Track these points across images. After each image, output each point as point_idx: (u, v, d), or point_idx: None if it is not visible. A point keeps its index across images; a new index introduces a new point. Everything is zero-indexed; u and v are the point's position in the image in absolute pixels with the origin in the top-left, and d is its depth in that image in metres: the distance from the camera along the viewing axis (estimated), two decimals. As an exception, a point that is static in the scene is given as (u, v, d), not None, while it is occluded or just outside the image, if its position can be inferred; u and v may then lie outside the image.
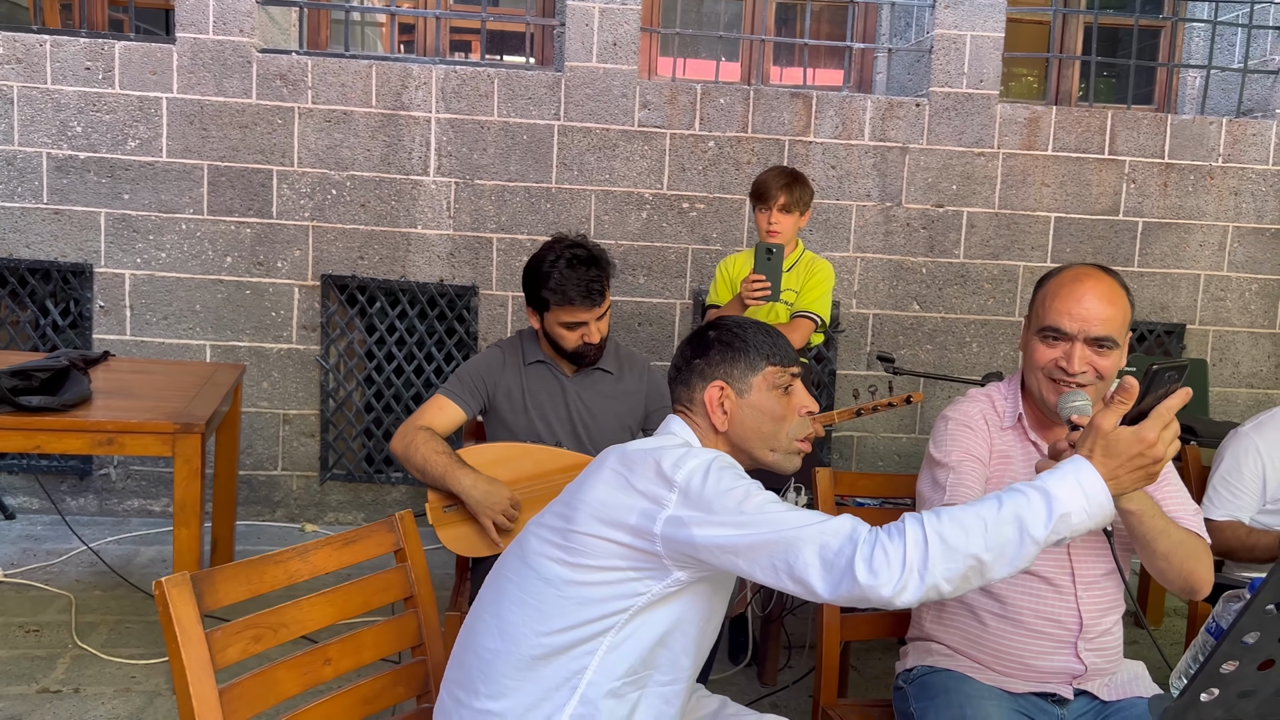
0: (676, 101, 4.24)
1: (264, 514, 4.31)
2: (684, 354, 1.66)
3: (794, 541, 1.37)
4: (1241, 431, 2.61)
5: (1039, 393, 1.85)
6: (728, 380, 1.61)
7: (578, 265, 2.48)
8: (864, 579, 1.32)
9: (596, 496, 1.47)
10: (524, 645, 1.46)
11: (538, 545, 1.51)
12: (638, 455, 1.50)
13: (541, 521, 1.54)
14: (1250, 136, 4.48)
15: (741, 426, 1.61)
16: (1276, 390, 4.61)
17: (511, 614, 1.49)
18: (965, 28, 4.31)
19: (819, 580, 1.36)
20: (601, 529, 1.45)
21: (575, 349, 2.55)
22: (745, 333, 1.63)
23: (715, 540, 1.40)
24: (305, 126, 4.13)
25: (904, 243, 4.40)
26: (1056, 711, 1.85)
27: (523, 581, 1.50)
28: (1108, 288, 1.80)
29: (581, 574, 1.45)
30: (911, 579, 1.32)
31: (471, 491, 2.37)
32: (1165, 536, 1.74)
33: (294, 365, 4.24)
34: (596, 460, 1.56)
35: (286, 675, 1.48)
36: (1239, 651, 1.33)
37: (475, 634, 1.53)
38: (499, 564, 1.59)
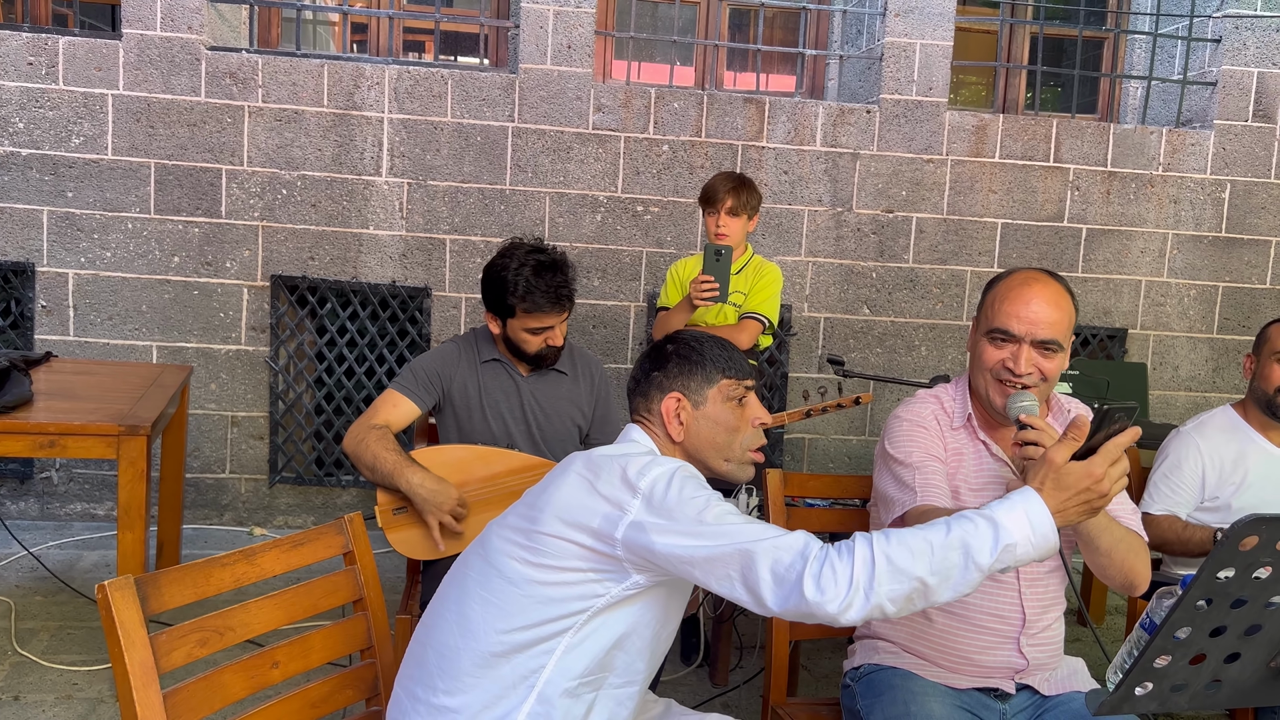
0: (631, 105, 4.25)
1: (211, 517, 4.25)
2: (643, 366, 1.71)
3: (749, 554, 1.40)
4: (1183, 431, 2.68)
5: (986, 394, 1.89)
6: (684, 392, 1.65)
7: (544, 271, 2.47)
8: (811, 595, 1.35)
9: (561, 498, 1.50)
10: (484, 642, 1.48)
11: (501, 545, 1.53)
12: (603, 461, 1.53)
13: (505, 522, 1.56)
14: (1189, 146, 4.60)
15: (697, 437, 1.66)
16: (1214, 393, 4.74)
17: (473, 611, 1.51)
18: (915, 36, 4.38)
19: (769, 593, 1.39)
20: (565, 530, 1.48)
21: (538, 352, 2.54)
22: (701, 346, 1.68)
23: (673, 549, 1.43)
24: (255, 125, 4.08)
25: (854, 247, 4.45)
26: (998, 706, 1.89)
27: (485, 580, 1.52)
28: (1054, 292, 1.85)
29: (543, 574, 1.48)
30: (857, 598, 1.36)
31: (419, 489, 2.36)
32: (1107, 533, 1.80)
33: (243, 367, 4.18)
34: (562, 464, 1.59)
35: (233, 679, 1.47)
36: (1172, 646, 1.37)
37: (435, 630, 1.55)
38: (461, 562, 1.60)
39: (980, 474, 1.91)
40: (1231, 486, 2.58)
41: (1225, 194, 4.65)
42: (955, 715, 1.81)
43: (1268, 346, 2.60)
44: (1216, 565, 1.29)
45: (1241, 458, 2.60)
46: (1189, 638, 1.36)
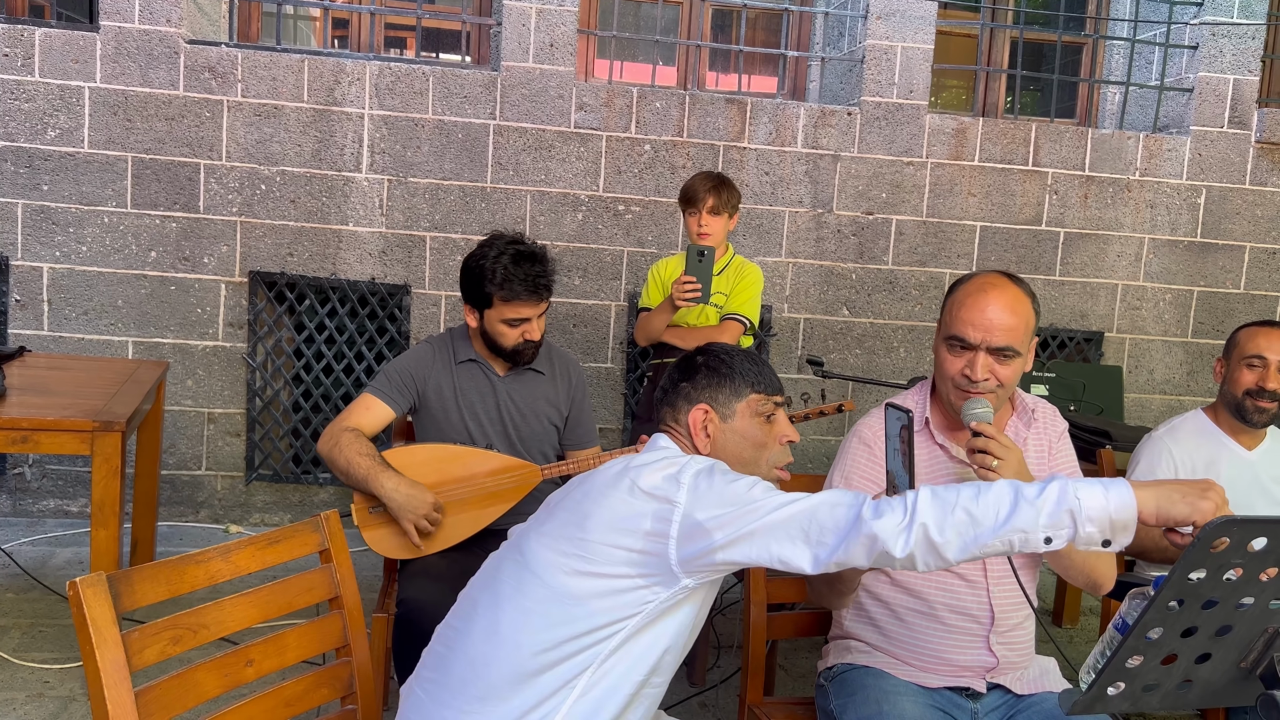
0: (613, 104, 4.25)
1: (187, 515, 4.22)
2: (672, 377, 1.71)
3: (809, 512, 1.41)
4: (1155, 436, 2.71)
5: (949, 399, 1.90)
6: (712, 404, 1.65)
7: (523, 261, 2.47)
8: (870, 521, 1.38)
9: (609, 504, 1.48)
10: (522, 654, 1.46)
11: (546, 555, 1.50)
12: (643, 463, 1.52)
13: (546, 530, 1.53)
14: (1166, 151, 4.64)
15: (724, 451, 1.66)
16: (1188, 396, 4.79)
17: (508, 621, 1.48)
18: (896, 39, 4.40)
19: (833, 538, 1.39)
20: (615, 536, 1.46)
21: (514, 346, 2.53)
22: (732, 360, 1.68)
23: (730, 531, 1.42)
24: (234, 120, 4.05)
25: (835, 249, 4.47)
26: (970, 706, 1.90)
27: (525, 589, 1.49)
28: (1011, 298, 1.84)
29: (594, 583, 1.46)
30: (908, 521, 1.38)
31: (394, 495, 2.35)
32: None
33: (220, 363, 4.15)
34: (600, 472, 1.57)
35: (207, 677, 1.46)
36: (1144, 646, 1.39)
37: (465, 638, 1.52)
38: (493, 570, 1.57)
39: (933, 480, 1.92)
40: (1204, 490, 2.60)
41: (1201, 199, 4.69)
42: (927, 714, 1.82)
43: (1237, 350, 2.63)
44: (1188, 567, 1.30)
45: (1213, 461, 2.62)
46: (1161, 638, 1.37)
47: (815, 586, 1.86)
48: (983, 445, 1.76)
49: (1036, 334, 1.93)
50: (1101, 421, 3.54)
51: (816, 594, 1.90)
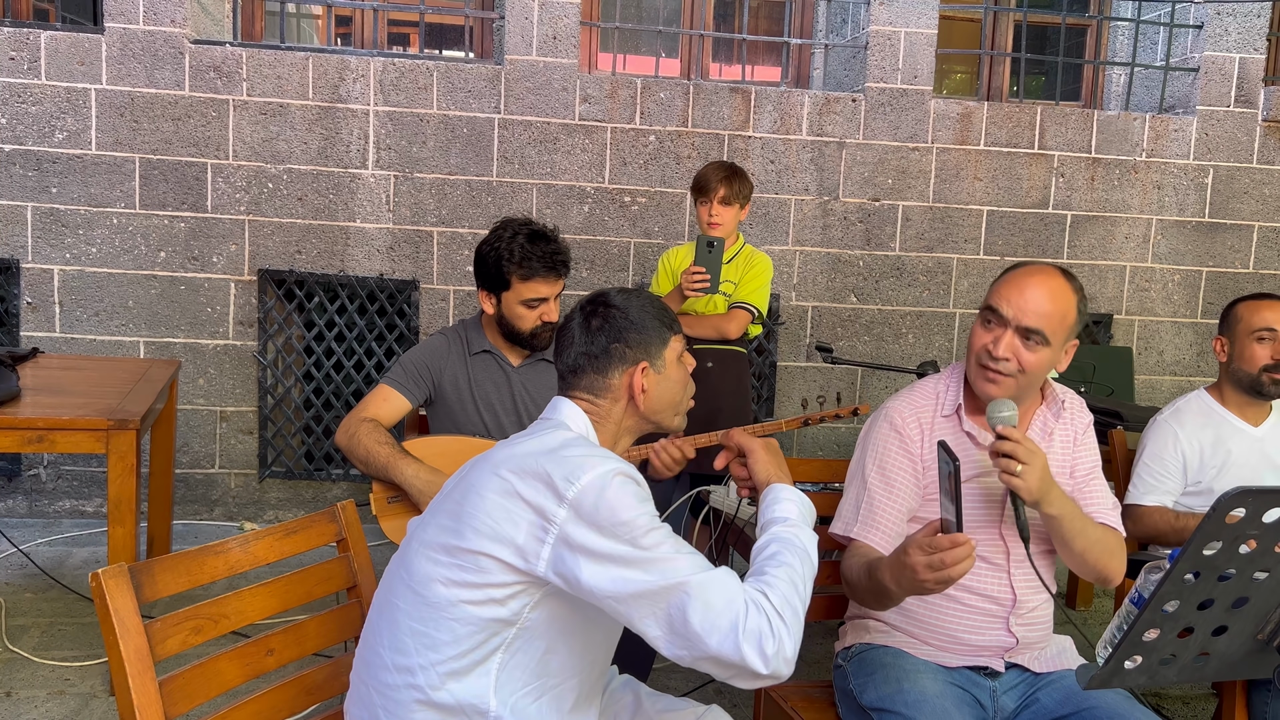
0: (617, 95, 4.25)
1: (201, 513, 4.24)
2: (594, 340, 1.58)
3: (683, 591, 1.31)
4: (1160, 419, 2.70)
5: (974, 380, 1.89)
6: (649, 360, 1.59)
7: (539, 240, 2.49)
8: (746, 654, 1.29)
9: (484, 508, 1.38)
10: (424, 680, 1.39)
11: (424, 566, 1.41)
12: (526, 461, 1.41)
13: (426, 538, 1.44)
14: (1172, 132, 4.63)
15: (659, 400, 1.61)
16: (1198, 377, 4.78)
17: (407, 645, 1.41)
18: (900, 24, 4.39)
19: (699, 639, 1.30)
20: (488, 545, 1.37)
21: (533, 329, 2.54)
22: (646, 309, 1.61)
23: (599, 581, 1.32)
24: (240, 119, 4.06)
25: (841, 236, 4.47)
26: (989, 684, 1.91)
27: (413, 609, 1.41)
28: (1056, 285, 1.83)
29: (469, 592, 1.37)
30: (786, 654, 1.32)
31: (414, 481, 2.37)
32: (1082, 536, 1.85)
33: (231, 362, 4.17)
34: (481, 462, 1.46)
35: (228, 666, 1.47)
36: (1160, 620, 1.39)
37: (374, 667, 1.45)
38: (385, 586, 1.49)
39: (966, 467, 1.91)
40: (1213, 470, 2.60)
41: (1208, 179, 4.68)
42: (947, 692, 1.83)
43: (1242, 325, 2.61)
44: (1203, 539, 1.31)
45: (1220, 441, 2.62)
46: (1177, 611, 1.38)
47: (858, 594, 1.85)
48: (1009, 450, 1.75)
49: (1077, 337, 1.91)
50: (1112, 403, 3.53)
51: (860, 599, 1.88)
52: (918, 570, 1.60)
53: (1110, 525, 1.94)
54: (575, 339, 1.59)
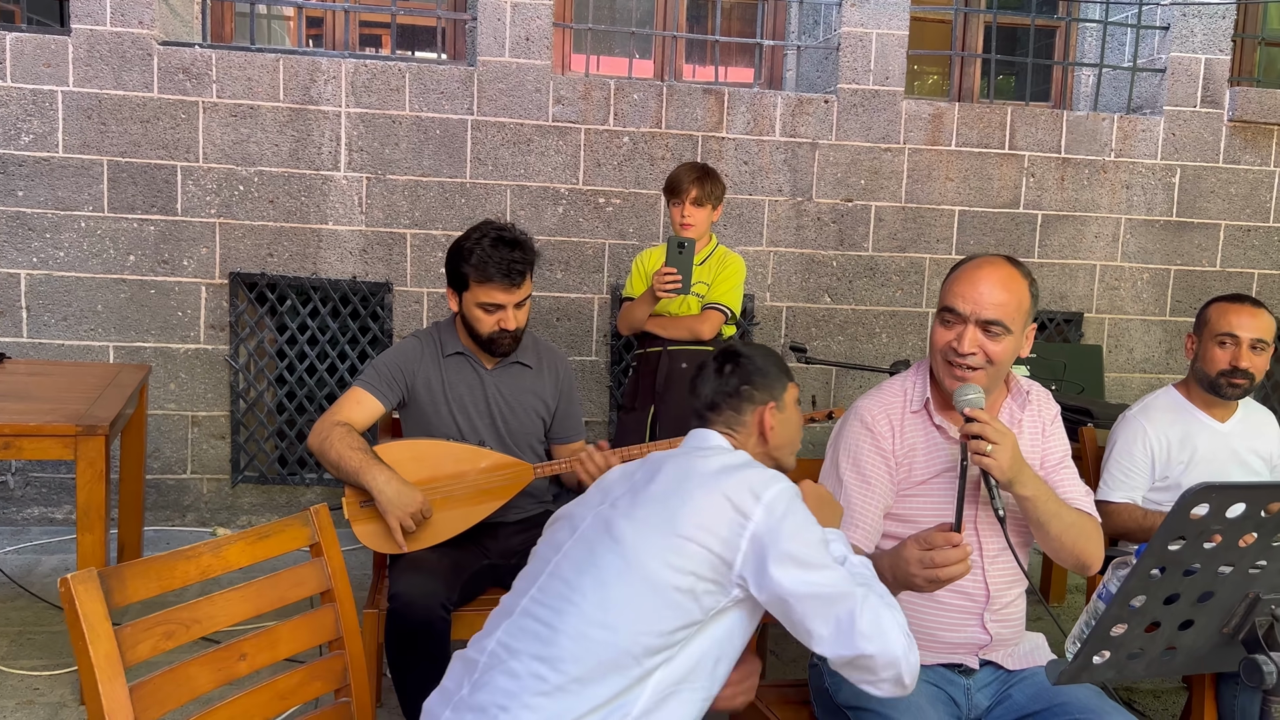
0: (590, 97, 4.25)
1: (174, 518, 4.20)
2: (728, 382, 1.82)
3: (852, 597, 1.50)
4: (1129, 416, 2.73)
5: (939, 375, 1.92)
6: (775, 401, 1.83)
7: (501, 246, 2.48)
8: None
9: (692, 502, 1.55)
10: (626, 642, 1.50)
11: (640, 543, 1.54)
12: (724, 469, 1.61)
13: (639, 518, 1.57)
14: (1140, 132, 4.69)
15: (782, 437, 1.85)
16: (1167, 374, 4.84)
17: (617, 608, 1.51)
18: (871, 26, 4.42)
19: (863, 641, 1.48)
20: (699, 534, 1.52)
21: (490, 334, 2.52)
22: (769, 359, 1.88)
23: (784, 581, 1.49)
24: (210, 121, 4.03)
25: (815, 236, 4.49)
26: (963, 682, 1.92)
27: (626, 579, 1.53)
28: (1006, 275, 1.86)
29: (681, 578, 1.50)
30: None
31: (384, 489, 2.36)
32: (1058, 519, 1.86)
33: (202, 366, 4.14)
34: (684, 465, 1.64)
35: (200, 671, 1.46)
36: (1127, 615, 1.41)
37: (568, 616, 1.53)
38: (586, 553, 1.59)
39: (932, 463, 1.94)
40: (1180, 465, 2.63)
41: (1175, 179, 4.74)
42: (922, 689, 1.84)
43: (1209, 328, 2.65)
44: (1168, 534, 1.33)
45: (1187, 437, 2.65)
46: (1144, 606, 1.40)
47: None
48: (978, 431, 1.77)
49: (1035, 320, 1.94)
50: (1083, 400, 3.57)
51: None
52: (910, 564, 1.64)
53: (1085, 511, 1.96)
54: (711, 380, 1.85)
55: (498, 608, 1.67)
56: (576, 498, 1.79)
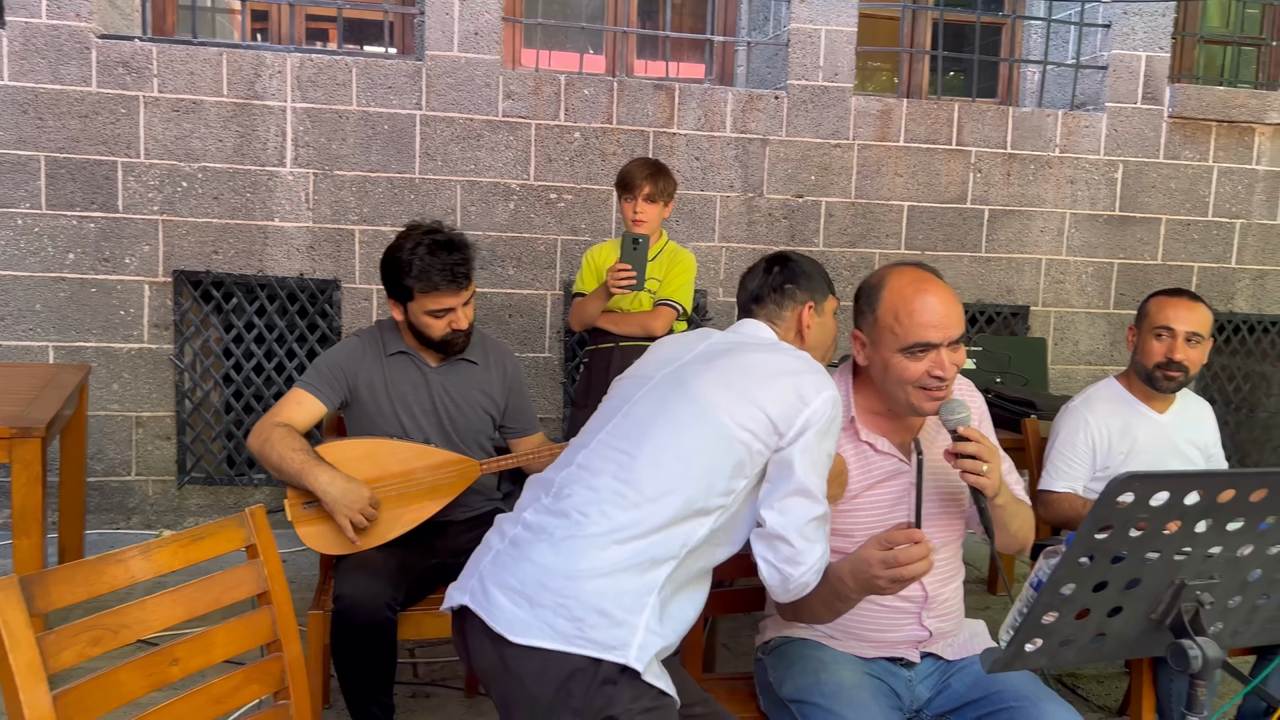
0: (541, 92, 4.23)
1: (118, 521, 4.12)
2: (775, 279, 1.96)
3: (820, 516, 1.68)
4: (1071, 407, 2.77)
5: (911, 405, 1.86)
6: (814, 303, 1.97)
7: (439, 250, 2.44)
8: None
9: (762, 377, 1.70)
10: (698, 486, 1.62)
11: (716, 397, 1.68)
12: (789, 357, 1.78)
13: (711, 379, 1.71)
14: (1084, 128, 4.76)
15: (816, 338, 1.99)
16: (1111, 366, 4.92)
17: (694, 454, 1.64)
18: (820, 22, 4.44)
19: (794, 554, 1.67)
20: (765, 401, 1.67)
21: (444, 337, 2.50)
22: (815, 267, 2.02)
23: (799, 468, 1.65)
24: (152, 116, 3.96)
25: (766, 232, 4.51)
26: (905, 674, 1.94)
27: (700, 425, 1.66)
28: (946, 288, 1.86)
29: (742, 434, 1.65)
30: None
31: (329, 489, 2.33)
32: (1017, 516, 1.92)
33: (146, 365, 4.06)
34: (751, 348, 1.81)
35: (130, 677, 1.43)
36: (1058, 602, 1.43)
37: (647, 446, 1.66)
38: (657, 404, 1.72)
39: (868, 475, 1.93)
40: (1120, 455, 2.68)
41: (1118, 174, 4.82)
42: (864, 682, 1.86)
43: (1147, 321, 2.69)
44: (1095, 523, 1.35)
45: (1128, 427, 2.69)
46: (1074, 594, 1.42)
47: (805, 602, 1.80)
48: (975, 451, 1.78)
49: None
50: (1027, 392, 3.62)
51: (804, 610, 1.84)
52: (871, 565, 1.64)
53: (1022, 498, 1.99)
54: (759, 276, 1.99)
55: (570, 445, 1.82)
56: (632, 366, 1.92)
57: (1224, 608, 1.51)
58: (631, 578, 1.57)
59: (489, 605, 1.59)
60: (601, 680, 1.52)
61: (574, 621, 1.53)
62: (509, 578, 1.60)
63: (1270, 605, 1.56)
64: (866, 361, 1.92)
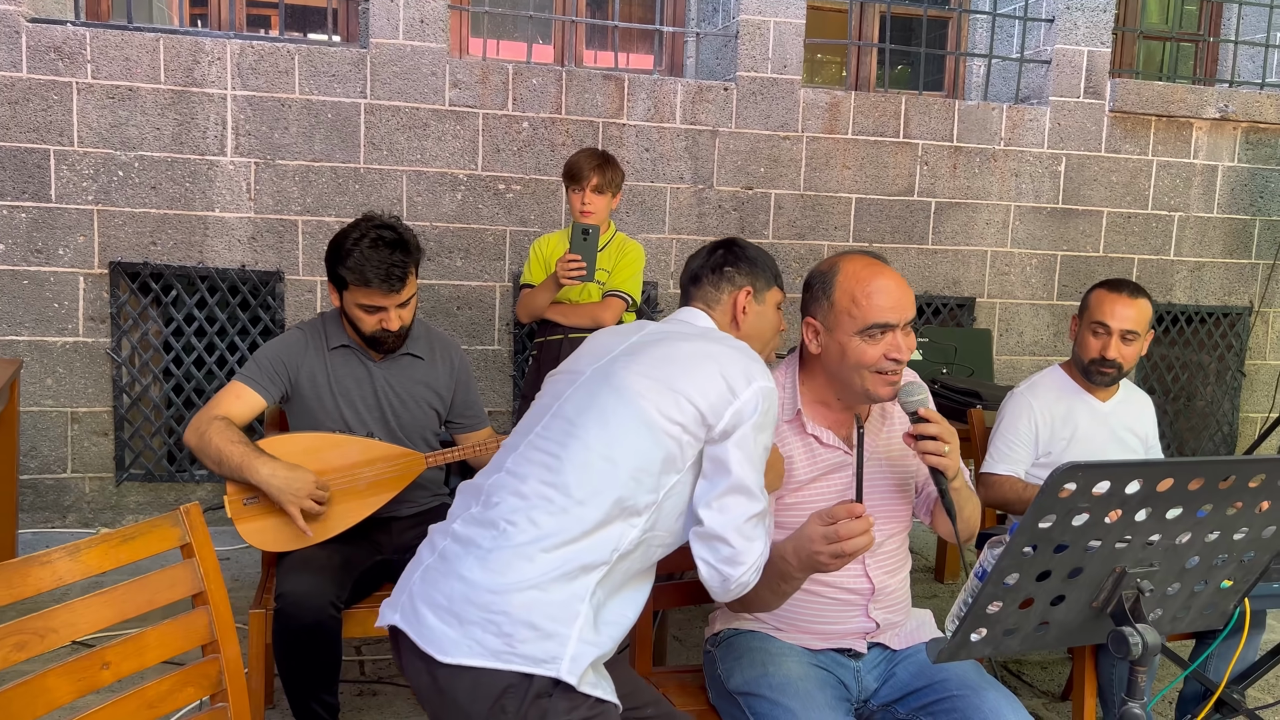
0: (488, 81, 4.18)
1: (54, 520, 4.01)
2: (715, 260, 1.91)
3: (759, 514, 1.64)
4: (1016, 393, 2.81)
5: (868, 391, 1.86)
6: (753, 289, 1.90)
7: (381, 247, 2.38)
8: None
9: (690, 366, 1.65)
10: (624, 482, 1.58)
11: (641, 388, 1.63)
12: (721, 344, 1.71)
13: (636, 369, 1.66)
14: (1028, 122, 4.82)
15: (753, 327, 1.91)
16: (1055, 356, 5.00)
17: (621, 449, 1.59)
18: (769, 14, 4.44)
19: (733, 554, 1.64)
20: (693, 392, 1.61)
21: (372, 334, 2.45)
22: (763, 256, 1.95)
23: (736, 464, 1.61)
24: (85, 103, 3.84)
25: (716, 224, 4.51)
26: (852, 665, 1.95)
27: (627, 424, 1.61)
28: (897, 274, 1.88)
29: (670, 426, 1.60)
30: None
31: (271, 480, 2.27)
32: (970, 501, 1.93)
33: (82, 360, 3.95)
34: (677, 337, 1.74)
35: (58, 682, 1.38)
36: (1002, 592, 1.44)
37: (573, 449, 1.60)
38: (586, 397, 1.67)
39: (813, 467, 1.93)
40: (1062, 442, 2.72)
41: (1061, 167, 4.89)
42: (811, 674, 1.86)
43: (1087, 314, 2.72)
44: (1038, 513, 1.36)
45: (1070, 414, 2.74)
46: (1017, 583, 1.43)
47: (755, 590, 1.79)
48: (936, 432, 1.78)
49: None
50: (972, 383, 3.67)
51: (755, 598, 1.84)
52: (814, 541, 1.65)
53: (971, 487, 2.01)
54: (700, 257, 1.94)
55: (501, 447, 1.76)
56: (566, 360, 1.85)
57: (1163, 594, 1.53)
58: (561, 586, 1.53)
59: (419, 625, 1.55)
60: (535, 695, 1.49)
61: (503, 637, 1.50)
62: (437, 595, 1.55)
63: (1207, 591, 1.59)
64: (820, 349, 1.91)
